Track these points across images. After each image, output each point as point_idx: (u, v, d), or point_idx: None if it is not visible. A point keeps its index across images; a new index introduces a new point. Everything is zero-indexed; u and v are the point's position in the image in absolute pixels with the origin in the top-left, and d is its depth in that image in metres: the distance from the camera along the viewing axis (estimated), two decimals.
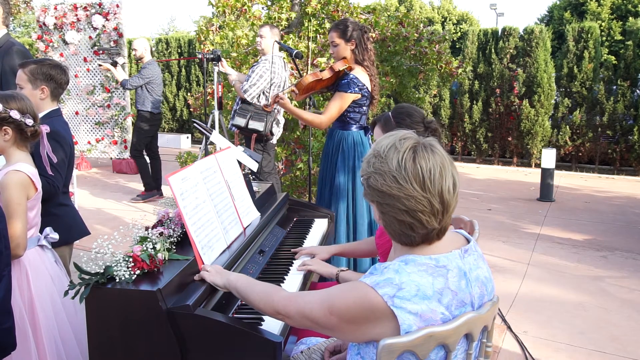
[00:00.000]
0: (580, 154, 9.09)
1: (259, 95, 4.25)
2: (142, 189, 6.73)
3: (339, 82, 3.08)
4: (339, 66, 3.05)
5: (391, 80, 5.44)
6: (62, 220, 2.40)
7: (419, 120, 2.08)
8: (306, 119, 3.17)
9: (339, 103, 3.02)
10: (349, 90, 2.99)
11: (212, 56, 4.71)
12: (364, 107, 3.10)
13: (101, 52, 6.49)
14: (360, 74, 3.05)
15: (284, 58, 4.47)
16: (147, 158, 6.47)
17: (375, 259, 3.10)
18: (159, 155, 6.55)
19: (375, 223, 3.12)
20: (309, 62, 3.67)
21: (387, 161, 1.20)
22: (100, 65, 6.44)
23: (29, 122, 1.98)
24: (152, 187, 6.37)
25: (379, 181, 1.20)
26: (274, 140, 4.53)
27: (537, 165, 8.53)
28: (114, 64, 6.31)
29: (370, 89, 3.09)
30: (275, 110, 4.30)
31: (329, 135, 3.23)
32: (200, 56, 4.69)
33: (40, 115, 2.33)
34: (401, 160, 1.19)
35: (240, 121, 4.21)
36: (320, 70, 3.15)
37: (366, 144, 3.15)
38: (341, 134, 3.13)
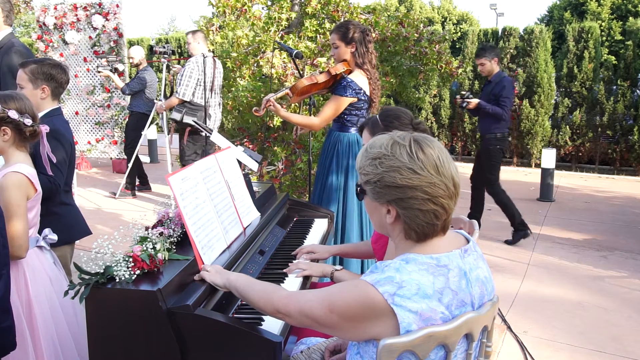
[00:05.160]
0: (580, 154, 9.09)
1: (193, 93, 4.97)
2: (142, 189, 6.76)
3: (336, 85, 3.06)
4: (337, 69, 3.04)
5: (391, 80, 5.43)
6: (64, 219, 2.40)
7: (407, 122, 2.01)
8: (299, 122, 3.15)
9: (334, 106, 3.00)
10: (345, 94, 2.98)
11: (163, 50, 5.15)
12: (362, 111, 3.07)
13: (103, 59, 6.79)
14: (358, 77, 3.02)
15: (215, 57, 5.11)
16: (142, 157, 6.57)
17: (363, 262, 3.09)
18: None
19: (365, 224, 3.11)
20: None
21: (396, 157, 1.21)
22: (99, 72, 6.68)
23: (28, 122, 1.97)
24: (132, 187, 6.50)
25: (397, 177, 1.20)
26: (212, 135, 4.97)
27: (537, 165, 8.52)
28: (114, 70, 6.47)
29: (368, 93, 3.06)
30: (208, 106, 4.97)
31: (327, 136, 3.22)
32: (155, 49, 5.17)
33: (41, 114, 2.33)
34: (411, 152, 1.21)
35: (176, 115, 4.99)
36: (320, 72, 3.14)
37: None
38: (337, 135, 3.12)
